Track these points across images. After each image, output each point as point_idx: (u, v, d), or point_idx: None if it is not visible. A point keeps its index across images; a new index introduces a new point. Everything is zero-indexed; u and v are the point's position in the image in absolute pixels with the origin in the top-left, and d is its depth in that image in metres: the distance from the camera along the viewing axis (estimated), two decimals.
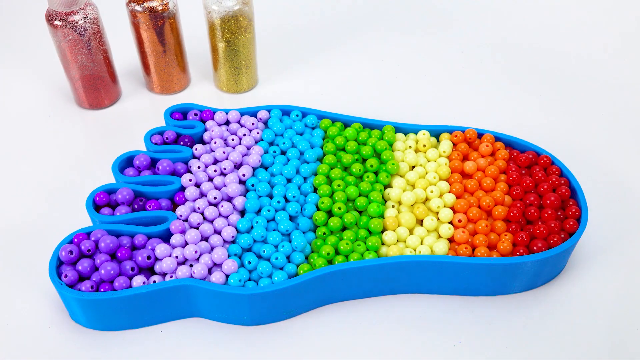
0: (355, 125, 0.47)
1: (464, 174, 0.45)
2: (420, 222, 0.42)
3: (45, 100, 0.57)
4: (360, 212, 0.42)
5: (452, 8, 0.70)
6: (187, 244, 0.39)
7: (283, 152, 0.46)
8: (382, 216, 0.42)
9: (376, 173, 0.44)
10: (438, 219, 0.42)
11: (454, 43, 0.65)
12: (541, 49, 0.64)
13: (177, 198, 0.42)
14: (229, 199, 0.42)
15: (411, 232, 0.41)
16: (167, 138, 0.45)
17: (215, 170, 0.43)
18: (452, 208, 0.42)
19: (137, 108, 0.56)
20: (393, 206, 0.43)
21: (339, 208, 0.41)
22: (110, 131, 0.53)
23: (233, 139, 0.46)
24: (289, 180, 0.44)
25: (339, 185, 0.43)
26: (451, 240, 0.41)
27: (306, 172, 0.44)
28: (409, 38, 0.66)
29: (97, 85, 0.53)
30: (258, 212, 0.42)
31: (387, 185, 0.44)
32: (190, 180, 0.42)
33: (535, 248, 0.39)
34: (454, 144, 0.46)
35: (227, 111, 0.48)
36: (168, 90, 0.56)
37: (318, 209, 0.42)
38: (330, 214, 0.42)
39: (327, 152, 0.46)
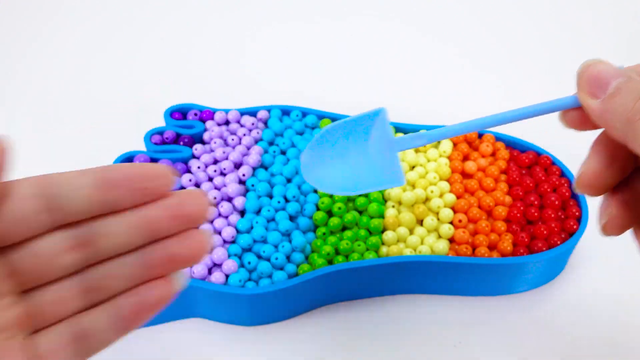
0: None
1: (465, 174, 0.45)
2: (420, 222, 0.42)
3: (46, 102, 0.57)
4: (360, 212, 0.42)
5: (452, 6, 0.70)
6: None
7: (283, 152, 0.46)
8: (382, 216, 0.42)
9: None
10: (438, 219, 0.42)
11: (454, 43, 0.65)
12: (542, 49, 0.64)
13: None
14: (229, 199, 0.42)
15: (411, 232, 0.41)
16: (166, 138, 0.45)
17: (215, 171, 0.43)
18: (453, 208, 0.42)
19: (137, 108, 0.56)
20: (393, 206, 0.43)
21: (339, 208, 0.41)
22: (111, 131, 0.53)
23: (233, 139, 0.46)
24: (288, 180, 0.44)
25: None
26: (452, 240, 0.41)
27: None
28: (408, 37, 0.66)
29: None
30: (258, 212, 0.42)
31: None
32: (190, 180, 0.42)
33: (535, 248, 0.39)
34: (454, 144, 0.46)
35: (227, 111, 0.48)
36: None
37: (318, 208, 0.42)
38: (330, 214, 0.42)
39: None
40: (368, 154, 0.28)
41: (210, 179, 0.43)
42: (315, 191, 0.44)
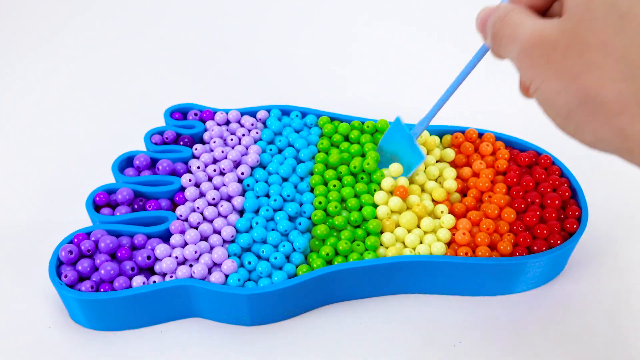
0: (354, 122, 0.47)
1: (465, 179, 0.45)
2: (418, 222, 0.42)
3: (47, 102, 0.57)
4: (349, 211, 0.42)
5: (450, 6, 0.70)
6: (186, 244, 0.39)
7: (281, 151, 0.46)
8: (375, 216, 0.41)
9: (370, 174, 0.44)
10: (433, 215, 0.42)
11: (453, 42, 0.65)
12: None
13: (177, 198, 0.42)
14: (229, 199, 0.42)
15: (409, 231, 0.41)
16: (167, 138, 0.45)
17: (214, 170, 0.43)
18: (452, 211, 0.42)
19: (137, 108, 0.56)
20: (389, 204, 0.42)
21: (335, 207, 0.41)
22: (111, 131, 0.53)
23: (232, 139, 0.46)
24: (285, 179, 0.44)
25: (334, 186, 0.43)
26: (450, 243, 0.41)
27: (302, 172, 0.44)
28: (407, 37, 0.66)
29: None
30: (257, 211, 0.42)
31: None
32: (190, 180, 0.42)
33: (535, 248, 0.39)
34: (457, 145, 0.46)
35: (227, 111, 0.48)
36: None
37: (314, 207, 0.42)
38: (326, 212, 0.42)
39: (322, 150, 0.46)
40: (405, 147, 0.43)
41: (210, 179, 0.43)
42: (311, 190, 0.43)
